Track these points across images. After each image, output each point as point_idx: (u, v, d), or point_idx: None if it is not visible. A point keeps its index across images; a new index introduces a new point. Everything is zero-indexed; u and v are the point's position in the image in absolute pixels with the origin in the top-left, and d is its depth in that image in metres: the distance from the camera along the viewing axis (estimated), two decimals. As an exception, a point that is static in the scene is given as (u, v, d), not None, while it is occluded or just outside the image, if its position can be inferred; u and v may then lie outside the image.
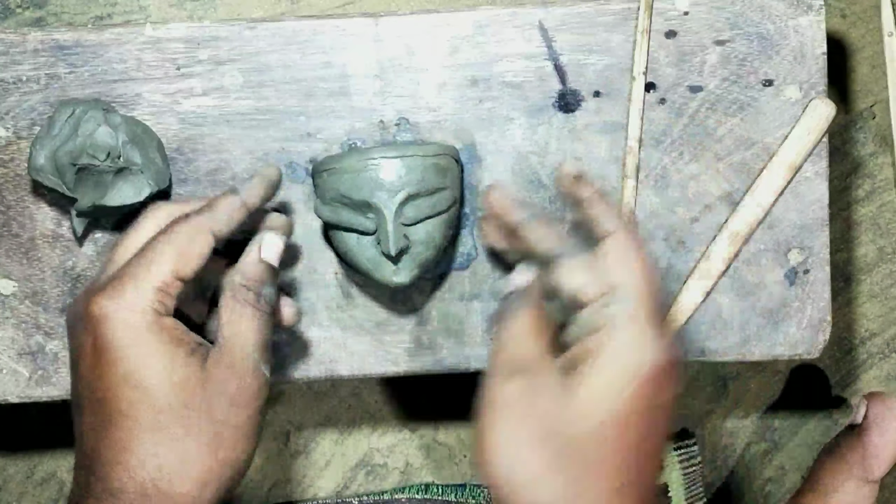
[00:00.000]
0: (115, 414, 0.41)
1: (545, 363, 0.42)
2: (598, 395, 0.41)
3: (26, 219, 0.53)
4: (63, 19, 0.61)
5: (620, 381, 0.41)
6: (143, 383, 0.41)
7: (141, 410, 0.41)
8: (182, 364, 0.42)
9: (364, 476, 0.66)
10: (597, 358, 0.41)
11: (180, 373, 0.42)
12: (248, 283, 0.45)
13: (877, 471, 0.55)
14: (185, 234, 0.44)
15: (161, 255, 0.43)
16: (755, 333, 0.55)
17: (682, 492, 0.64)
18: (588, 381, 0.41)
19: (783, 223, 0.54)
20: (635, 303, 0.42)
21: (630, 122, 0.53)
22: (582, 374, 0.41)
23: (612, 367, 0.41)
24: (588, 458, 0.41)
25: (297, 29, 0.53)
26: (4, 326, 0.53)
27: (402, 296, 0.54)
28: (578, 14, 0.53)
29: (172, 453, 0.41)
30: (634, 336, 0.41)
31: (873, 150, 0.64)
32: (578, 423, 0.41)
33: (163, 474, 0.41)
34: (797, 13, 0.53)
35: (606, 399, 0.41)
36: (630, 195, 0.53)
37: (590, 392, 0.41)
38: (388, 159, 0.48)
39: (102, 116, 0.50)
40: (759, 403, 0.66)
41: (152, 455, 0.41)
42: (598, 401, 0.41)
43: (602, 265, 0.43)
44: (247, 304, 0.44)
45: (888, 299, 0.65)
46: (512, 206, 0.49)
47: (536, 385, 0.42)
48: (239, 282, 0.45)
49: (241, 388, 0.43)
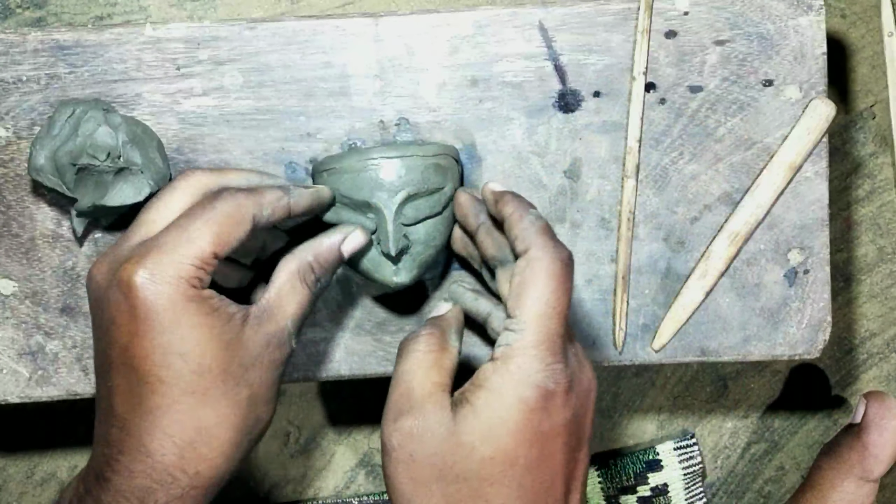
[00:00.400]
0: (154, 380, 0.41)
1: (436, 399, 0.42)
2: (480, 430, 0.40)
3: (26, 219, 0.53)
4: (63, 19, 0.61)
5: (500, 414, 0.40)
6: (184, 352, 0.41)
7: (181, 378, 0.41)
8: (220, 332, 0.42)
9: (364, 476, 0.66)
10: (480, 392, 0.41)
11: (220, 340, 0.42)
12: (316, 267, 0.46)
13: (876, 470, 0.55)
14: (227, 215, 0.43)
15: (200, 231, 0.43)
16: (755, 333, 0.55)
17: (682, 492, 0.64)
18: (472, 417, 0.41)
19: (783, 223, 0.54)
20: (527, 332, 0.41)
21: (630, 122, 0.53)
22: (466, 410, 0.41)
23: (494, 401, 0.40)
24: (481, 495, 0.40)
25: (297, 29, 0.53)
26: (4, 326, 0.53)
27: (402, 296, 0.54)
28: (578, 14, 0.53)
29: (210, 416, 0.42)
30: (520, 366, 0.41)
31: (873, 150, 0.64)
32: (464, 460, 0.40)
33: (200, 436, 0.42)
34: (797, 13, 0.53)
35: (489, 434, 0.40)
36: (630, 195, 0.53)
37: (472, 428, 0.40)
38: (388, 159, 0.48)
39: (102, 116, 0.50)
40: (759, 403, 0.66)
41: (190, 418, 0.42)
42: (481, 436, 0.40)
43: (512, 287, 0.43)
44: (305, 283, 0.45)
45: (888, 299, 0.65)
46: (471, 212, 0.49)
47: (425, 423, 0.41)
48: (309, 261, 0.45)
49: (272, 356, 0.44)
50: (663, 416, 0.65)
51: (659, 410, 0.65)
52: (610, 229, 0.54)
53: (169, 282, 0.41)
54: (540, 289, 0.41)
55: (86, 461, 0.64)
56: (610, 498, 0.64)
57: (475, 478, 0.40)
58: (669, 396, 0.65)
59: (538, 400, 0.40)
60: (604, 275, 0.54)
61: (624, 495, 0.64)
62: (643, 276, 0.54)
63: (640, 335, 0.55)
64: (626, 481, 0.64)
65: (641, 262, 0.54)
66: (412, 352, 0.44)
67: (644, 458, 0.64)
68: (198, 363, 0.42)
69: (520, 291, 0.42)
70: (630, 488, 0.64)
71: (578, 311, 0.54)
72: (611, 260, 0.54)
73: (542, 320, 0.41)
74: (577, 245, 0.54)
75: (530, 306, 0.41)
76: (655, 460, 0.64)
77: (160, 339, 0.41)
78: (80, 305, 0.53)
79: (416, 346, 0.44)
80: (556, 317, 0.41)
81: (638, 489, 0.64)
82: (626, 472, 0.64)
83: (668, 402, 0.65)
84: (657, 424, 0.65)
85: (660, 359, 0.55)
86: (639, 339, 0.55)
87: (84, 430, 0.64)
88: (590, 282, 0.54)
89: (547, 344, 0.41)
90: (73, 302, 0.53)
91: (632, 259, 0.54)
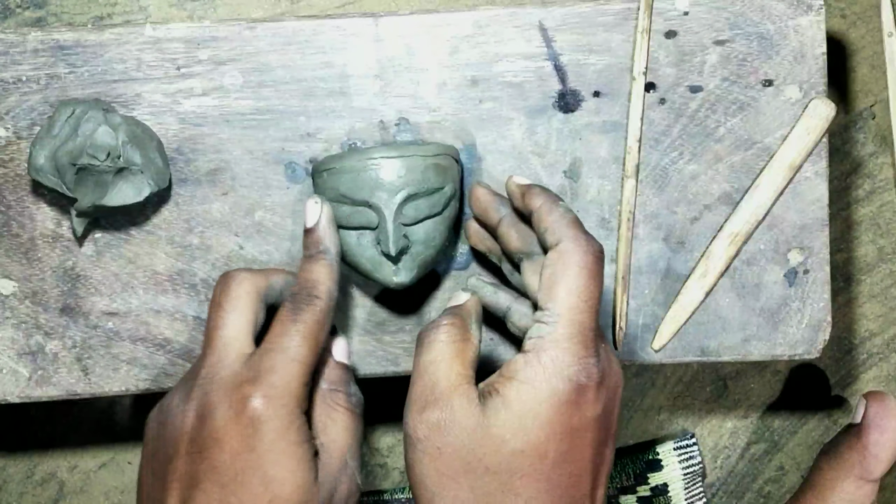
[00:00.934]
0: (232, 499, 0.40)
1: (463, 391, 0.41)
2: (510, 423, 0.40)
3: (26, 219, 0.53)
4: (63, 19, 0.61)
5: (532, 407, 0.40)
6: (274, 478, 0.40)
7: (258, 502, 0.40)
8: (306, 467, 0.41)
9: (364, 476, 0.66)
10: (511, 384, 0.40)
11: (303, 475, 0.41)
12: (333, 386, 0.45)
13: (876, 470, 0.54)
14: (316, 323, 0.43)
15: (300, 350, 0.42)
16: (755, 333, 0.55)
17: (682, 492, 0.64)
18: (503, 409, 0.40)
19: (783, 223, 0.54)
20: (560, 324, 0.41)
21: (630, 123, 0.53)
22: (496, 402, 0.40)
23: (524, 394, 0.40)
24: (509, 488, 0.40)
25: (297, 29, 0.53)
26: (4, 326, 0.53)
27: (402, 296, 0.54)
28: (578, 14, 0.53)
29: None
30: (552, 359, 0.40)
31: (873, 150, 0.64)
32: (494, 453, 0.40)
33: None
34: (797, 13, 0.53)
35: (520, 427, 0.40)
36: (630, 195, 0.53)
37: (502, 420, 0.40)
38: (388, 159, 0.49)
39: (102, 116, 0.50)
40: (759, 403, 0.66)
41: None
42: (512, 429, 0.40)
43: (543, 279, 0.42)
44: (337, 405, 0.44)
45: (888, 299, 0.65)
46: (491, 206, 0.49)
47: (452, 416, 0.41)
48: (325, 388, 0.45)
49: (339, 494, 0.43)
50: (663, 416, 0.65)
51: (659, 410, 0.65)
52: (610, 229, 0.54)
53: (286, 408, 0.41)
54: (572, 281, 0.41)
55: (86, 461, 0.64)
56: (610, 498, 0.64)
57: (505, 471, 0.40)
58: (669, 396, 0.65)
59: (570, 393, 0.40)
60: (604, 275, 0.54)
61: (624, 495, 0.64)
62: (643, 276, 0.54)
63: (640, 335, 0.55)
64: (625, 481, 0.64)
65: (641, 262, 0.54)
66: (434, 342, 0.43)
67: (644, 458, 0.64)
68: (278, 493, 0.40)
69: (552, 284, 0.42)
70: (630, 488, 0.64)
71: (578, 311, 0.54)
72: (611, 260, 0.54)
73: (575, 313, 0.41)
74: (577, 245, 0.54)
75: (564, 298, 0.41)
76: (655, 460, 0.64)
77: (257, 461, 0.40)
78: (80, 305, 0.53)
79: (437, 335, 0.43)
80: (588, 310, 0.41)
81: (638, 489, 0.64)
82: (626, 472, 0.64)
83: (668, 402, 0.65)
84: (657, 424, 0.65)
85: (660, 359, 0.55)
86: (639, 339, 0.55)
87: (84, 429, 0.64)
88: (590, 282, 0.54)
89: (580, 337, 0.41)
90: (73, 302, 0.53)
91: (632, 259, 0.54)
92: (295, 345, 0.42)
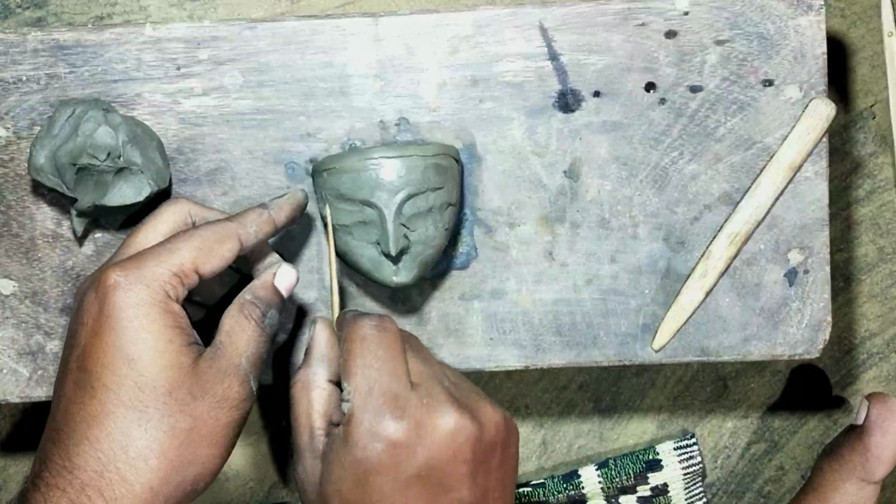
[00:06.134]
0: (97, 384, 0.41)
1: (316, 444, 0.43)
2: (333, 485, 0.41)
3: (26, 219, 0.53)
4: (63, 19, 0.61)
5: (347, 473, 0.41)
6: (135, 357, 0.41)
7: (124, 385, 0.41)
8: (177, 351, 0.42)
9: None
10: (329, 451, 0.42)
11: (173, 358, 0.42)
12: (256, 302, 0.46)
13: (878, 472, 0.54)
14: (213, 233, 0.45)
15: (186, 244, 0.44)
16: (755, 333, 0.55)
17: (682, 492, 0.64)
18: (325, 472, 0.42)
19: (783, 223, 0.54)
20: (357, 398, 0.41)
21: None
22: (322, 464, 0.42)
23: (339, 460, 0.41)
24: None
25: (297, 29, 0.53)
26: (4, 326, 0.53)
27: (402, 296, 0.54)
28: (578, 14, 0.53)
29: (142, 437, 0.41)
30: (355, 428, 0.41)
31: (873, 150, 0.64)
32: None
33: (127, 456, 0.40)
34: (797, 13, 0.53)
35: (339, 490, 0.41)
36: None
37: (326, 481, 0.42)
38: (389, 159, 0.49)
39: (102, 116, 0.50)
40: (759, 403, 0.66)
41: (122, 433, 0.40)
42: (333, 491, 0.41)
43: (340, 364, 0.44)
44: (250, 318, 0.45)
45: (888, 299, 0.65)
46: None
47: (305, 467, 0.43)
48: (248, 299, 0.46)
49: (225, 393, 0.43)
50: (663, 416, 0.65)
51: (659, 410, 0.65)
52: (610, 229, 0.54)
53: (144, 283, 0.42)
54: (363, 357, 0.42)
55: (86, 461, 0.64)
56: (610, 498, 0.64)
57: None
58: (669, 396, 0.65)
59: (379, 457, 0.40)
60: (604, 275, 0.54)
61: (624, 495, 0.64)
62: (643, 276, 0.54)
63: (640, 335, 0.55)
64: (626, 481, 0.64)
65: (641, 261, 0.54)
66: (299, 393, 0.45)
67: (644, 458, 0.64)
68: (144, 374, 0.41)
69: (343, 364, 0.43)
70: (630, 488, 0.64)
71: (578, 311, 0.54)
72: (611, 260, 0.54)
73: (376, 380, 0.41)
74: (577, 245, 0.54)
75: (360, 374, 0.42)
76: (655, 460, 0.64)
77: (116, 340, 0.41)
78: (80, 305, 0.53)
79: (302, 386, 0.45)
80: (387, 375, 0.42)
81: (638, 489, 0.64)
82: (626, 472, 0.64)
83: (668, 402, 0.65)
84: (657, 424, 0.65)
85: (660, 359, 0.55)
86: (639, 339, 0.55)
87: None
88: (590, 282, 0.54)
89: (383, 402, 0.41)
90: (73, 302, 0.53)
91: (632, 259, 0.54)
92: (179, 241, 0.44)
